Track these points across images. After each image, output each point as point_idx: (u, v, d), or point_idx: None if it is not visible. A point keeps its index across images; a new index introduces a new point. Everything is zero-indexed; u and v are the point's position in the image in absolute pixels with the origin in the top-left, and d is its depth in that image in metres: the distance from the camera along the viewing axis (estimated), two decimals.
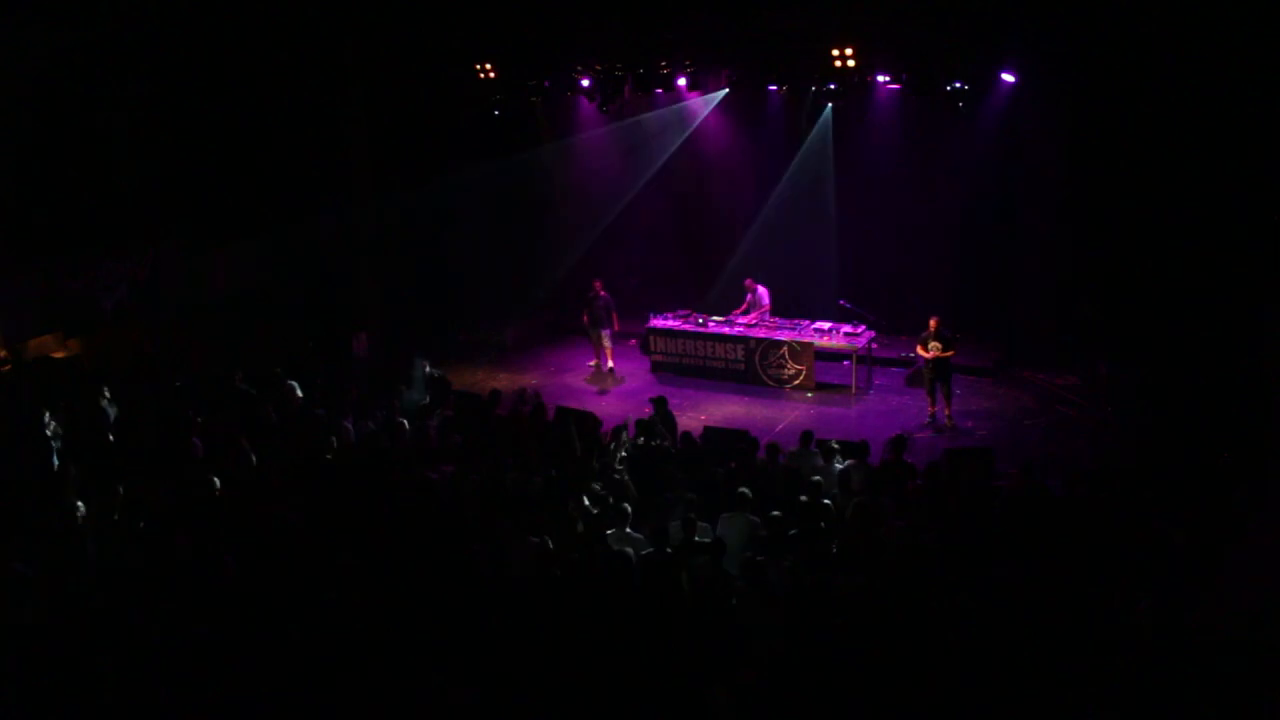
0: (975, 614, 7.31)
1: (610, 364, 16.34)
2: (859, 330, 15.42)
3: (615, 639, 7.06)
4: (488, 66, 17.05)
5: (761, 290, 16.22)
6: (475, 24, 16.30)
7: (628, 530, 8.68)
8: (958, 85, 14.68)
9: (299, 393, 12.70)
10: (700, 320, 16.23)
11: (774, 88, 16.57)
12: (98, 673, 6.72)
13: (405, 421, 11.47)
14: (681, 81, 16.46)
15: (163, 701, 6.44)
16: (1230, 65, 12.37)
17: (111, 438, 10.95)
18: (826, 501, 9.45)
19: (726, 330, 15.88)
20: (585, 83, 16.97)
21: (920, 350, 13.78)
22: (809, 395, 15.19)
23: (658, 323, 16.42)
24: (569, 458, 10.59)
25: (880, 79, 15.30)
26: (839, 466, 10.27)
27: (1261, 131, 12.34)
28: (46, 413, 10.85)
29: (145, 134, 15.43)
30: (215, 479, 9.58)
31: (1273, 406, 11.79)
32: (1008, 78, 14.70)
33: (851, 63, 14.80)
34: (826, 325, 15.59)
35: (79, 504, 9.05)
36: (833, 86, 15.56)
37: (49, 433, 10.72)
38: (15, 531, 8.47)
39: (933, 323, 13.62)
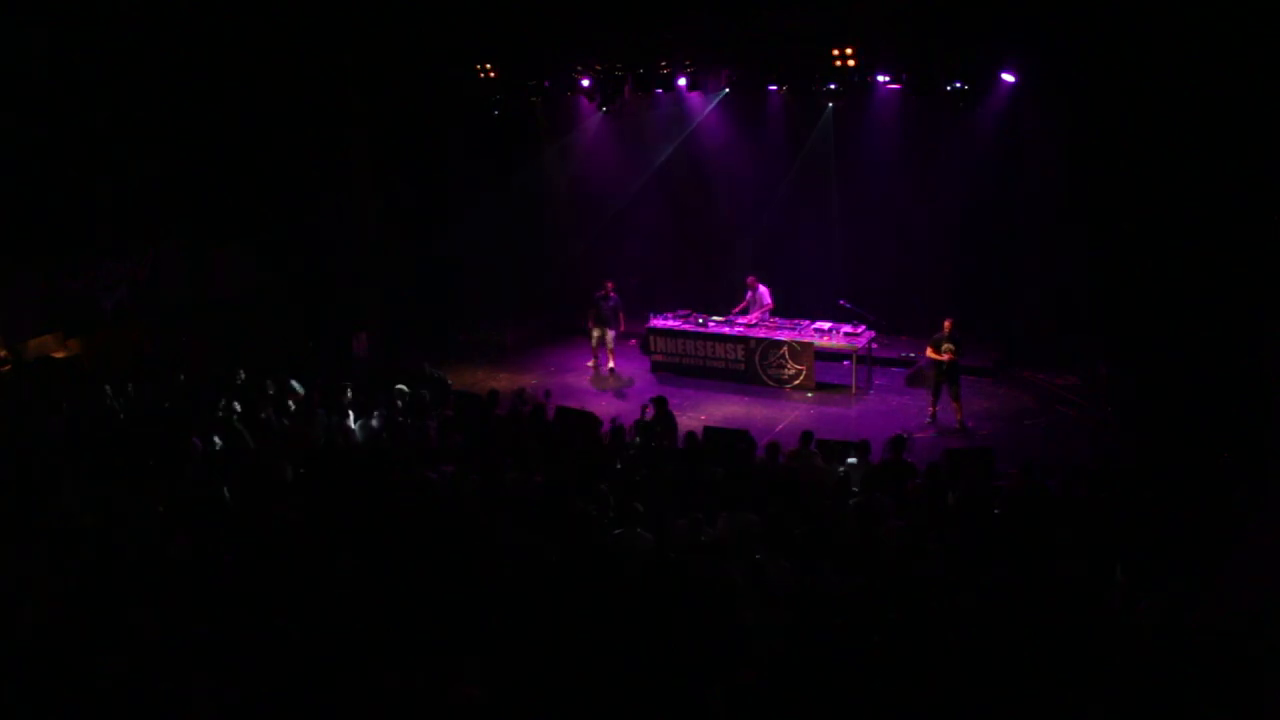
0: (975, 614, 7.31)
1: (611, 365, 16.33)
2: (859, 330, 15.41)
3: (616, 639, 7.06)
4: (488, 66, 17.05)
5: (763, 289, 16.21)
6: (475, 24, 16.29)
7: (639, 530, 8.67)
8: (958, 85, 14.67)
9: (300, 392, 12.72)
10: (700, 320, 16.23)
11: (774, 88, 16.56)
12: (98, 673, 6.72)
13: (405, 421, 11.48)
14: (681, 81, 16.46)
15: (163, 701, 6.44)
16: (1230, 65, 12.37)
17: (112, 438, 10.95)
18: (826, 501, 9.45)
19: (726, 330, 15.88)
20: (585, 83, 16.97)
21: (931, 352, 13.71)
22: (809, 395, 15.18)
23: (658, 323, 16.42)
24: (569, 458, 10.59)
25: (880, 79, 15.30)
26: (839, 467, 10.27)
27: (1262, 131, 12.34)
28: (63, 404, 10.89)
29: (145, 134, 15.44)
30: (221, 484, 9.60)
31: (1273, 406, 11.80)
32: (1008, 78, 14.70)
33: (851, 63, 14.80)
34: (826, 325, 15.59)
35: (78, 504, 9.06)
36: (833, 86, 15.56)
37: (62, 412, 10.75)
38: (15, 531, 8.47)
39: (947, 325, 13.58)
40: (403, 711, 6.50)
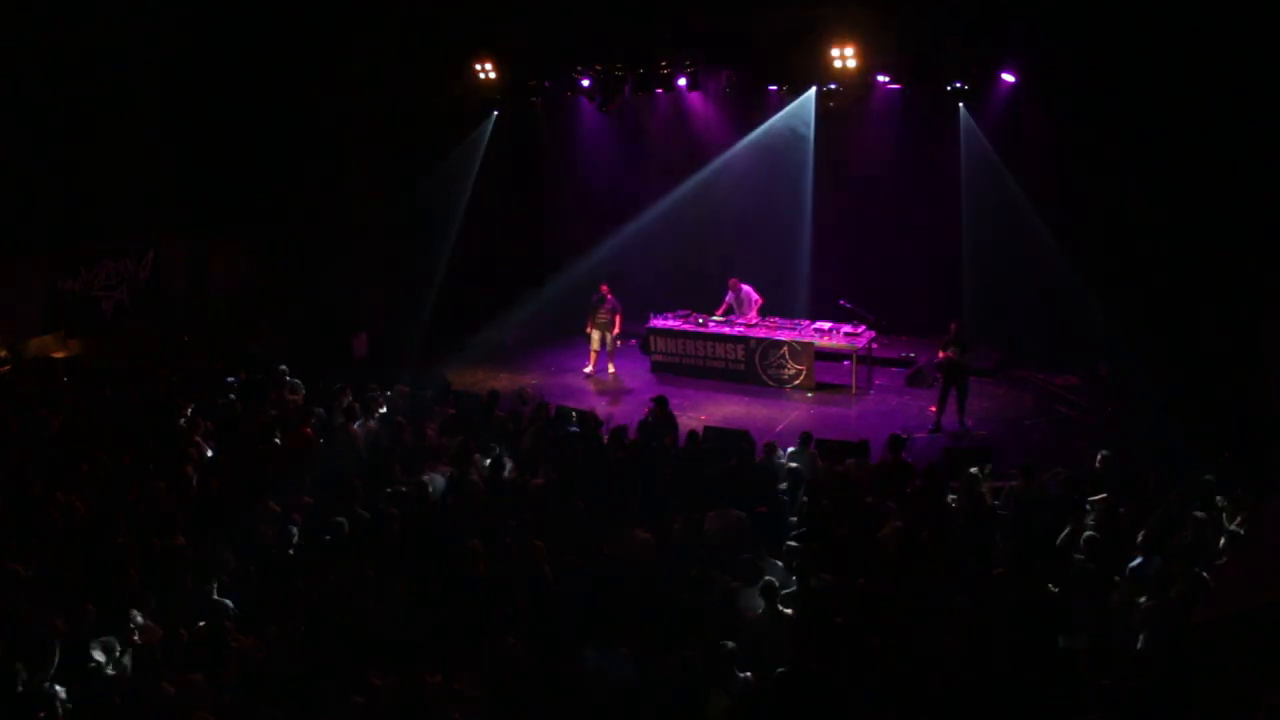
0: (974, 614, 7.32)
1: (612, 369, 16.29)
2: (859, 330, 15.40)
3: (615, 639, 7.07)
4: (488, 66, 17.05)
5: (746, 288, 16.14)
6: (475, 24, 16.29)
7: (638, 531, 8.67)
8: (958, 85, 14.64)
9: (301, 391, 12.72)
10: (700, 320, 16.22)
11: (774, 88, 16.55)
12: (97, 672, 6.73)
13: (404, 421, 11.48)
14: (681, 81, 16.45)
15: (164, 700, 6.45)
16: (1230, 64, 12.36)
17: (112, 438, 10.95)
18: (825, 501, 9.45)
19: (726, 330, 15.87)
20: (585, 83, 16.95)
21: (943, 354, 13.64)
22: (809, 395, 15.18)
23: (658, 323, 16.41)
24: (568, 457, 10.59)
25: (880, 79, 15.28)
26: (838, 467, 10.27)
27: (1262, 131, 12.33)
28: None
29: (146, 133, 15.44)
30: (220, 485, 9.60)
31: (1273, 407, 11.80)
32: (1008, 78, 14.68)
33: (852, 63, 14.79)
34: (826, 325, 15.57)
35: (79, 507, 9.06)
36: (833, 86, 15.54)
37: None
38: (15, 532, 8.48)
39: (953, 327, 13.54)
40: (402, 710, 6.51)
